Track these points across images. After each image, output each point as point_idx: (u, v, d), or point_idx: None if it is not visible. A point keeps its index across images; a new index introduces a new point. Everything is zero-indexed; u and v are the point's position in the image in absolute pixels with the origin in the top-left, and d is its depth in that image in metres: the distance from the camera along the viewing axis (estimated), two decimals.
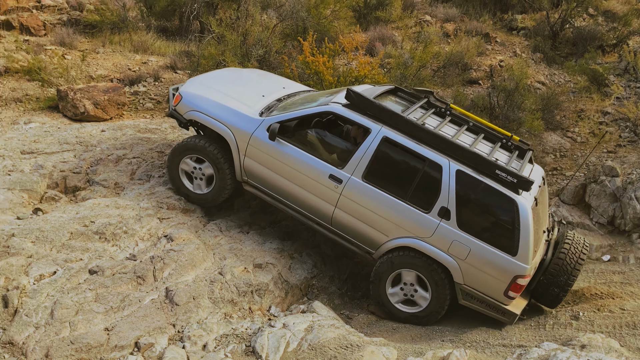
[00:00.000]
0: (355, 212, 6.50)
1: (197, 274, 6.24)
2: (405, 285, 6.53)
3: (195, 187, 7.24)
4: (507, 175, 6.02)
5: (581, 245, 6.73)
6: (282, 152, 6.67)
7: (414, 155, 6.31)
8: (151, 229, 6.63)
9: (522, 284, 6.10)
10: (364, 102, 6.51)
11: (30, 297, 5.29)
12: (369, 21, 14.56)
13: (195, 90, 7.25)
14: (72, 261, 5.81)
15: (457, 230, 6.17)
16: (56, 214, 6.48)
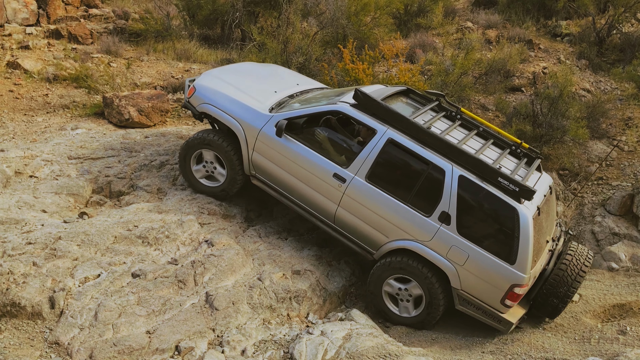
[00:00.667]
0: (357, 212, 6.57)
1: (237, 279, 6.29)
2: (400, 291, 6.57)
3: (207, 180, 7.42)
4: (509, 184, 6.01)
5: (584, 258, 6.68)
6: (289, 148, 6.77)
7: (417, 158, 6.36)
8: (192, 233, 6.72)
9: (519, 293, 6.08)
10: (371, 103, 6.58)
11: (76, 299, 5.43)
12: (409, 28, 14.48)
13: (208, 84, 7.39)
14: (116, 264, 5.94)
15: (456, 235, 6.18)
16: (101, 218, 6.63)
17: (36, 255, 5.74)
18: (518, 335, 6.25)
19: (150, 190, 7.64)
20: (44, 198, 6.87)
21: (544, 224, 6.53)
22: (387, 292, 6.66)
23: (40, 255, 5.75)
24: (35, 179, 7.21)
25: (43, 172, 7.36)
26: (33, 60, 10.92)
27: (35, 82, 10.50)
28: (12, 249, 5.74)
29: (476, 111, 11.15)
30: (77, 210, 6.98)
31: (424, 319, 6.54)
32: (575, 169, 10.16)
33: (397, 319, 6.70)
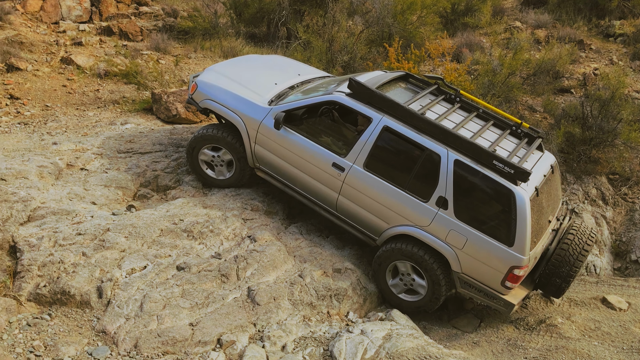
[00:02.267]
0: (358, 200, 6.66)
1: (278, 275, 6.35)
2: (403, 276, 6.67)
3: (217, 173, 7.56)
4: (504, 166, 6.02)
5: (587, 235, 6.71)
6: (288, 140, 6.89)
7: (413, 144, 6.41)
8: (236, 229, 6.81)
9: (519, 274, 6.10)
10: (365, 92, 6.63)
11: (122, 289, 5.57)
12: (456, 27, 14.32)
13: (209, 80, 7.53)
14: (162, 257, 6.07)
15: (454, 219, 6.22)
16: (148, 211, 6.79)
17: (86, 246, 5.91)
18: (563, 342, 6.11)
19: (196, 185, 7.76)
20: (93, 190, 7.07)
21: (544, 204, 6.51)
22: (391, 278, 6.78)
23: (89, 246, 5.92)
24: (85, 172, 7.43)
25: (93, 165, 7.58)
26: (85, 57, 11.25)
27: (87, 78, 10.80)
28: (63, 239, 5.93)
29: (523, 112, 10.94)
30: (125, 203, 7.16)
31: (429, 301, 6.61)
32: (626, 173, 9.86)
33: (402, 303, 6.75)
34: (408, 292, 6.76)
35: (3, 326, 5.02)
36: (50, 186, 6.84)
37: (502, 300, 6.26)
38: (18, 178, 6.70)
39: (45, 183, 6.84)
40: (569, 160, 9.91)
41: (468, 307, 7.27)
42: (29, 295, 5.41)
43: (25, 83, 10.30)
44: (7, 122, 9.08)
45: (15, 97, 9.86)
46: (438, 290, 6.49)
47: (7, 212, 6.07)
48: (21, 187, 6.55)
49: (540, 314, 6.94)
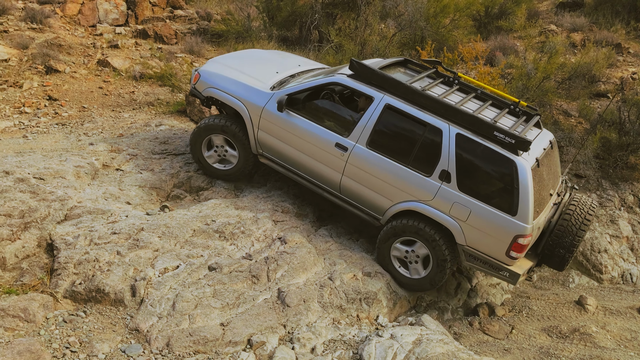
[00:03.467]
0: (361, 179, 6.75)
1: (308, 277, 6.36)
2: (407, 253, 6.73)
3: (221, 164, 7.68)
4: (505, 137, 6.10)
5: (587, 207, 6.81)
6: (291, 123, 7.00)
7: (415, 120, 6.51)
8: (266, 230, 6.86)
9: (523, 243, 6.15)
10: (366, 72, 6.76)
11: (155, 288, 5.65)
12: (489, 30, 14.17)
13: (212, 69, 7.67)
14: (194, 257, 6.15)
15: (457, 192, 6.32)
16: (181, 212, 6.88)
17: (120, 245, 6.02)
18: (597, 352, 5.99)
19: (228, 187, 7.85)
20: (128, 190, 7.20)
21: (545, 177, 6.60)
22: (396, 256, 6.81)
23: (124, 245, 6.03)
24: (121, 172, 7.57)
25: (128, 166, 7.72)
26: (121, 59, 11.47)
27: (123, 80, 11.01)
28: (98, 238, 6.05)
29: (558, 117, 10.76)
30: (158, 203, 7.27)
31: (433, 277, 6.65)
32: None
33: (408, 282, 6.82)
34: (416, 269, 6.82)
35: (40, 322, 5.15)
36: (87, 186, 6.98)
37: (507, 270, 6.31)
38: (56, 177, 6.86)
39: (82, 183, 6.99)
40: (605, 166, 9.71)
41: (499, 314, 7.18)
42: (65, 292, 5.53)
43: (63, 85, 10.55)
44: (45, 123, 9.31)
45: (54, 98, 10.10)
46: (443, 269, 6.56)
47: (45, 210, 6.22)
48: (59, 186, 6.70)
49: (574, 322, 6.82)
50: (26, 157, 7.28)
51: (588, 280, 8.27)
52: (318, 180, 7.10)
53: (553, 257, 6.74)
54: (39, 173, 6.82)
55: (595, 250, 8.47)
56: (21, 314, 5.09)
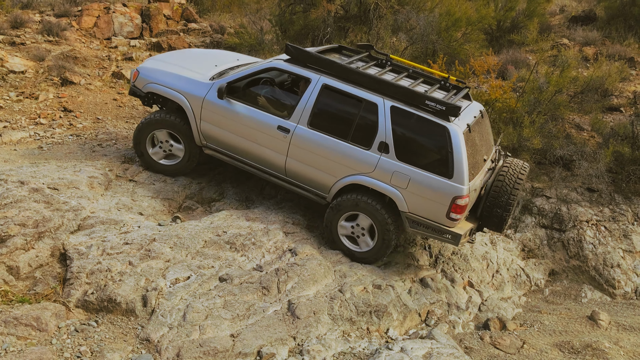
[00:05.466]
0: (305, 159, 7.01)
1: (318, 289, 6.37)
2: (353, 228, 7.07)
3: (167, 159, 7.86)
4: (436, 104, 6.48)
5: (519, 167, 7.23)
6: (232, 111, 7.21)
7: (351, 97, 6.84)
8: (277, 242, 6.88)
9: (461, 204, 6.50)
10: (302, 54, 7.08)
11: (166, 299, 5.69)
12: (501, 44, 14.18)
13: (151, 65, 7.87)
14: (205, 268, 6.18)
15: (396, 162, 6.66)
16: (192, 223, 6.93)
17: (132, 255, 6.07)
18: None
19: (239, 198, 7.89)
20: (141, 201, 7.26)
21: (478, 142, 7.00)
22: (344, 234, 7.14)
23: (135, 255, 6.08)
24: (133, 183, 7.64)
25: (141, 177, 7.79)
26: None
27: None
28: (110, 248, 6.11)
29: (570, 130, 10.73)
30: (170, 214, 7.32)
31: (380, 248, 6.99)
32: None
33: (361, 255, 7.12)
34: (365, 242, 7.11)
35: (53, 331, 5.19)
36: (100, 196, 7.06)
37: (449, 232, 6.65)
38: (70, 188, 6.94)
39: (95, 193, 7.06)
40: (618, 180, 9.65)
41: (511, 328, 7.13)
42: (77, 301, 5.58)
43: (78, 96, 10.69)
44: (60, 134, 9.43)
45: (69, 109, 10.23)
46: (388, 237, 6.88)
47: (59, 220, 6.29)
48: (72, 196, 6.78)
49: (587, 337, 6.75)
50: (41, 168, 7.37)
51: (601, 295, 8.20)
52: (264, 166, 7.32)
53: (492, 217, 7.09)
54: (53, 183, 6.90)
55: (608, 265, 8.41)
56: (34, 322, 5.14)
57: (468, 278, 7.70)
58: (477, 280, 7.75)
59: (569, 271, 8.51)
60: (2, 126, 9.59)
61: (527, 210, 9.17)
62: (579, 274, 8.45)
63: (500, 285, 7.89)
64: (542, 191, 9.38)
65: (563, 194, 9.28)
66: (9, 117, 9.89)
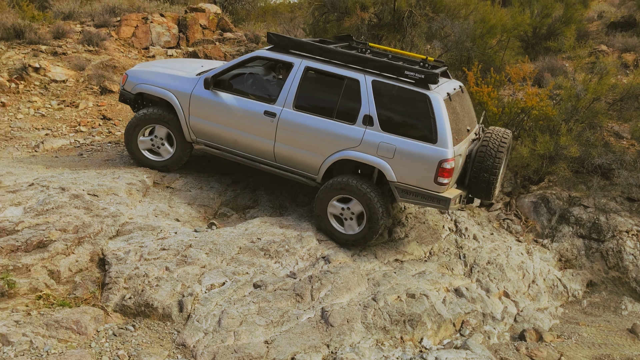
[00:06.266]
0: (293, 141, 7.21)
1: (352, 297, 6.37)
2: (343, 210, 7.16)
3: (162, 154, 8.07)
4: (414, 74, 6.73)
5: (502, 132, 7.42)
6: (220, 102, 7.46)
7: (333, 77, 7.11)
8: (310, 249, 6.91)
9: (448, 167, 6.66)
10: (283, 41, 7.42)
11: (202, 304, 5.76)
12: (537, 51, 13.99)
13: (139, 68, 8.27)
14: (239, 274, 6.24)
15: (381, 133, 6.86)
16: (227, 229, 7.01)
17: (169, 261, 6.17)
18: None
19: (273, 205, 7.96)
20: (177, 208, 7.38)
21: (459, 112, 7.24)
22: (332, 213, 7.22)
23: (172, 261, 6.18)
24: (170, 190, 7.77)
25: (178, 184, 7.92)
26: None
27: None
28: (148, 254, 6.22)
29: (609, 138, 10.51)
30: (206, 221, 7.42)
31: (368, 230, 7.09)
32: None
33: (344, 237, 7.23)
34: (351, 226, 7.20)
35: (92, 334, 5.31)
36: (138, 203, 7.20)
37: (438, 197, 6.80)
38: (109, 194, 7.09)
39: (133, 200, 7.21)
40: None
41: (547, 340, 7.00)
42: (115, 306, 5.69)
43: (117, 105, 10.93)
44: (99, 142, 9.66)
45: (108, 117, 10.48)
46: (375, 214, 6.97)
47: (98, 226, 6.44)
48: (111, 203, 6.93)
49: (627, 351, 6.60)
50: (81, 174, 7.56)
51: None
52: (253, 154, 7.50)
53: (479, 183, 7.23)
54: (93, 190, 7.07)
55: None
56: (74, 326, 5.27)
57: (503, 288, 7.59)
58: (512, 290, 7.64)
59: (608, 282, 8.32)
60: (44, 134, 9.87)
61: (564, 220, 9.01)
62: (619, 286, 8.25)
63: (536, 296, 7.76)
64: (580, 200, 9.21)
65: (601, 203, 9.09)
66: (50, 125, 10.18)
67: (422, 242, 7.91)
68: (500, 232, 8.92)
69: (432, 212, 8.68)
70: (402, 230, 8.06)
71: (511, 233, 8.99)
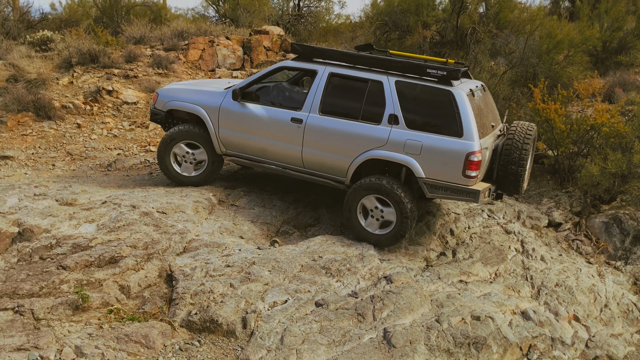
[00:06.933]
0: (320, 146, 7.41)
1: (414, 318, 6.28)
2: (372, 211, 7.31)
3: (184, 169, 8.28)
4: (437, 71, 6.89)
5: (526, 126, 7.50)
6: (248, 113, 7.73)
7: (357, 80, 7.34)
8: (372, 268, 6.88)
9: (475, 160, 6.76)
10: (307, 50, 7.72)
11: (265, 321, 5.83)
12: (607, 66, 13.55)
13: (169, 87, 8.63)
14: (301, 292, 6.28)
15: (407, 130, 7.02)
16: (290, 247, 7.09)
17: (233, 278, 6.29)
18: None
19: (334, 224, 7.99)
20: (241, 225, 7.53)
21: (483, 108, 7.39)
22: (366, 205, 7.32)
23: (236, 278, 6.29)
24: (235, 208, 7.95)
25: (242, 202, 8.09)
26: None
27: None
28: (213, 270, 6.37)
29: None
30: (269, 238, 7.53)
31: (400, 225, 7.18)
32: None
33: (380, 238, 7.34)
34: (382, 226, 7.32)
35: (159, 349, 5.46)
36: (204, 220, 7.39)
37: (467, 191, 6.89)
38: (177, 212, 7.32)
39: (200, 217, 7.41)
40: None
41: None
42: (181, 321, 5.84)
43: None
44: None
45: None
46: (405, 210, 7.07)
47: (167, 242, 6.65)
48: (179, 220, 7.15)
49: None
50: (150, 192, 7.84)
51: None
52: (282, 161, 7.73)
53: (507, 176, 7.29)
54: (162, 207, 7.32)
55: None
56: (142, 340, 5.44)
57: (573, 311, 7.30)
58: (583, 314, 7.33)
59: None
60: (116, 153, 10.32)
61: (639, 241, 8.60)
62: None
63: (609, 321, 7.42)
64: None
65: None
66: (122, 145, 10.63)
67: (487, 263, 7.73)
68: (569, 253, 8.61)
69: (497, 232, 8.48)
70: (467, 250, 7.90)
71: (581, 254, 8.66)
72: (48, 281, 5.83)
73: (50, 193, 7.65)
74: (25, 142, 10.77)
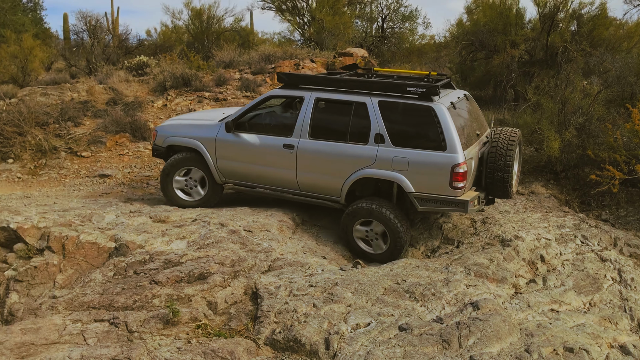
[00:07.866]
0: (312, 168, 7.74)
1: (502, 347, 6.04)
2: (368, 232, 7.70)
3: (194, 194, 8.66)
4: (416, 89, 7.21)
5: (509, 132, 7.73)
6: (243, 142, 8.09)
7: (342, 103, 7.65)
8: (458, 294, 6.70)
9: (460, 171, 7.04)
10: (291, 78, 8.05)
11: (347, 343, 5.79)
12: None
13: (166, 123, 8.98)
14: (384, 315, 6.21)
15: (393, 148, 7.33)
16: (372, 269, 7.04)
17: (316, 298, 6.32)
18: None
19: (417, 246, 7.87)
20: (324, 245, 7.59)
21: (466, 117, 7.73)
22: (358, 237, 7.73)
23: (319, 298, 6.31)
24: (317, 227, 8.05)
25: (324, 222, 8.18)
26: None
27: None
28: (297, 289, 6.42)
29: None
30: (351, 259, 7.53)
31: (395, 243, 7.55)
32: None
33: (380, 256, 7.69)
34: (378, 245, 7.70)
35: None
36: (288, 239, 7.50)
37: (456, 202, 7.18)
38: (262, 230, 7.48)
39: (284, 236, 7.53)
40: None
41: None
42: (265, 339, 5.91)
43: None
44: None
45: None
46: (396, 229, 7.44)
47: (252, 261, 6.79)
48: (264, 238, 7.30)
49: None
50: (238, 211, 8.07)
51: None
52: (279, 186, 8.08)
53: (495, 183, 7.55)
54: (248, 226, 7.50)
55: None
56: (228, 356, 5.55)
57: None
58: None
59: None
60: None
61: None
62: None
63: None
64: None
65: None
66: None
67: (580, 292, 7.33)
68: None
69: (591, 259, 8.05)
70: (558, 278, 7.54)
71: None
72: (141, 295, 6.10)
73: (145, 210, 8.04)
74: (122, 161, 11.40)
